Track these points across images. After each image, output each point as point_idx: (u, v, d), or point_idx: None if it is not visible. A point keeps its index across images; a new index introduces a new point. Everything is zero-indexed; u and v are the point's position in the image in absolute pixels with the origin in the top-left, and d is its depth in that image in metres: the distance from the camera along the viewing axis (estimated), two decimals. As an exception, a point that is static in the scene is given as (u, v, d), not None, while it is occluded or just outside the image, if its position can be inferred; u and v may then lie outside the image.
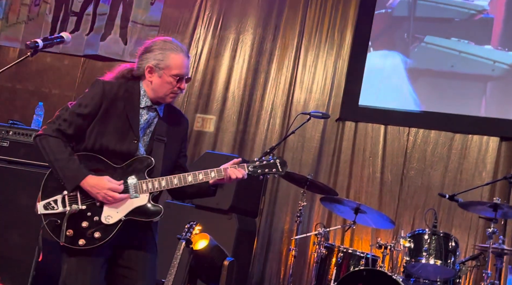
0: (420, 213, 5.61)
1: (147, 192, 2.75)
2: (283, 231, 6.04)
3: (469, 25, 5.83)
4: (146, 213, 2.75)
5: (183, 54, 2.82)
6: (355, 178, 5.93)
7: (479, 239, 5.36)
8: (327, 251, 4.67)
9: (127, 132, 2.77)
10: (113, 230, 2.69)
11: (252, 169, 2.82)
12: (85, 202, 2.71)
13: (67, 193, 2.71)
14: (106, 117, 2.76)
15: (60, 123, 2.73)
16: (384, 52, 6.13)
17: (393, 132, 5.92)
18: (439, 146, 5.75)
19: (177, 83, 2.81)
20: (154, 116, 2.86)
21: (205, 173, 2.79)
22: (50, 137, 2.71)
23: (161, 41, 2.86)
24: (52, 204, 2.71)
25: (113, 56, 6.96)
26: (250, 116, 6.42)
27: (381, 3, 6.19)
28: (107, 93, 2.76)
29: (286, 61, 6.43)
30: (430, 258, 4.39)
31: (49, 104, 6.49)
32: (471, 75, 5.76)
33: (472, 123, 5.67)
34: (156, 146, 2.83)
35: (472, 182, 5.51)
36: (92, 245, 2.67)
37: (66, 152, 2.69)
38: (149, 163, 2.78)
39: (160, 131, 2.86)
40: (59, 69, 7.16)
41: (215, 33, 6.74)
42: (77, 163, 2.69)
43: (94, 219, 2.70)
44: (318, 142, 6.11)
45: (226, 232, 4.98)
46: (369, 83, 6.08)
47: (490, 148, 5.59)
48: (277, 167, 2.83)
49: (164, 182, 2.76)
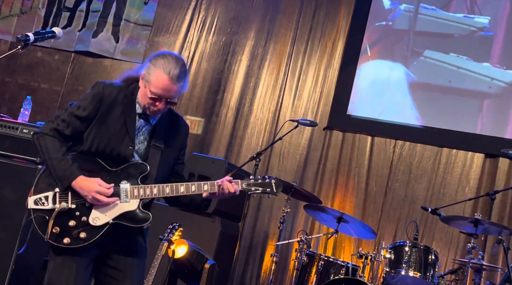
0: (402, 225, 5.64)
1: (137, 198, 2.74)
2: (266, 237, 6.05)
3: (468, 41, 5.88)
4: (134, 219, 2.75)
5: (168, 76, 2.71)
6: (340, 188, 5.96)
7: (459, 253, 5.40)
8: (308, 259, 4.69)
9: (123, 137, 2.77)
10: (99, 232, 2.69)
11: (246, 186, 2.82)
12: (75, 201, 2.71)
13: (58, 190, 2.72)
14: (103, 121, 2.76)
15: (58, 123, 2.75)
16: (383, 63, 6.16)
17: (380, 144, 5.96)
18: (424, 160, 5.80)
19: (153, 101, 2.74)
20: (144, 124, 2.85)
21: (198, 185, 2.78)
22: (47, 136, 2.73)
23: (161, 55, 2.80)
24: (43, 200, 2.72)
25: (104, 53, 6.96)
26: (238, 120, 6.44)
27: (382, 15, 6.24)
28: (106, 97, 2.77)
29: (277, 67, 6.45)
30: (410, 270, 4.41)
31: (38, 98, 6.48)
32: (468, 91, 5.81)
33: (458, 139, 5.73)
34: (152, 153, 2.82)
35: (455, 197, 5.56)
36: (76, 245, 2.67)
37: (60, 151, 2.71)
38: (143, 169, 2.77)
39: (157, 138, 2.85)
40: (49, 64, 7.13)
41: (208, 36, 6.75)
42: (70, 163, 2.70)
43: (82, 219, 2.70)
44: (305, 150, 6.13)
45: (209, 235, 4.98)
46: (363, 93, 6.12)
47: (475, 164, 5.65)
48: (272, 188, 2.82)
49: (156, 190, 2.75)
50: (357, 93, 6.13)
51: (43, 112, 6.69)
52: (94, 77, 6.94)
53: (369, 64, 6.18)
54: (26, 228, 4.30)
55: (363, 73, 6.16)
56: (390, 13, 6.23)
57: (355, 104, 6.11)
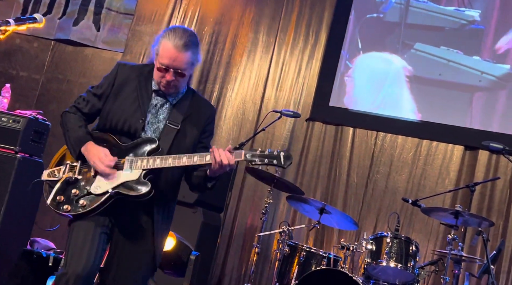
0: (383, 216, 5.69)
1: (139, 168, 2.73)
2: (248, 228, 6.05)
3: (459, 34, 5.90)
4: (134, 189, 2.72)
5: (173, 45, 2.70)
6: (322, 179, 5.97)
7: (438, 245, 5.46)
8: (290, 250, 4.70)
9: (135, 111, 2.81)
10: (99, 200, 2.70)
11: (250, 157, 2.66)
12: (83, 172, 2.79)
13: (69, 162, 2.81)
14: (117, 96, 2.84)
15: (79, 102, 2.91)
16: (375, 56, 6.15)
17: (361, 135, 5.98)
18: (405, 151, 5.84)
19: (163, 72, 2.75)
20: (163, 102, 2.86)
21: (200, 155, 2.73)
22: (69, 113, 2.89)
23: (170, 28, 2.82)
24: (56, 172, 2.82)
25: (85, 42, 6.85)
26: (220, 110, 6.40)
27: (374, 7, 6.21)
28: (120, 74, 2.87)
29: (259, 57, 6.43)
30: (391, 261, 4.45)
31: (16, 86, 6.36)
32: (458, 85, 5.83)
33: (438, 131, 5.77)
34: (167, 131, 2.82)
35: (435, 188, 5.61)
36: (76, 212, 2.71)
37: (77, 123, 2.84)
38: (154, 144, 2.77)
39: (174, 118, 2.84)
40: (28, 51, 7.01)
41: (190, 25, 6.69)
42: (84, 131, 2.82)
43: (85, 188, 2.75)
44: (287, 141, 6.13)
45: (190, 226, 4.97)
46: (357, 86, 6.11)
47: (455, 156, 5.70)
48: (280, 160, 2.66)
49: (159, 161, 2.72)
50: (353, 85, 6.11)
51: (21, 100, 6.58)
52: (75, 66, 6.85)
53: (361, 57, 6.17)
54: (4, 217, 4.25)
55: (357, 66, 6.14)
56: (381, 5, 6.22)
57: (351, 97, 6.09)
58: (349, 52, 6.19)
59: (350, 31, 6.21)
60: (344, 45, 6.19)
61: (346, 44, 6.20)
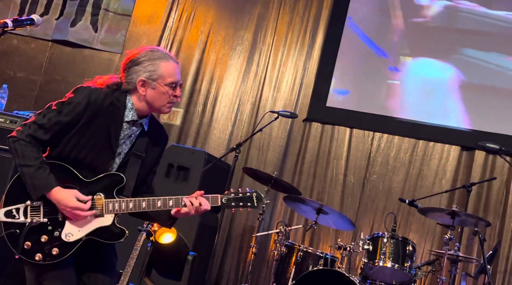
0: (379, 216, 5.70)
1: (112, 213, 2.64)
2: (245, 228, 6.06)
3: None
4: (108, 235, 2.65)
5: (172, 61, 2.72)
6: (319, 179, 5.99)
7: (435, 245, 5.48)
8: (287, 250, 4.70)
9: (105, 148, 2.66)
10: (72, 249, 2.60)
11: (226, 201, 2.71)
12: (47, 215, 2.60)
13: (30, 203, 2.61)
14: (86, 129, 2.62)
15: (35, 129, 2.59)
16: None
17: (358, 136, 6.00)
18: (401, 152, 5.86)
19: (173, 91, 2.70)
20: (138, 130, 2.75)
21: (176, 200, 2.66)
22: (23, 142, 2.57)
23: (147, 51, 2.72)
24: (14, 212, 2.60)
25: (83, 43, 6.85)
26: (217, 111, 6.42)
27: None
28: (91, 104, 2.61)
29: (256, 58, 6.44)
30: (388, 261, 4.46)
31: (13, 87, 6.36)
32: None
33: (435, 132, 5.79)
34: (132, 162, 2.72)
35: (432, 189, 5.63)
36: (48, 261, 2.58)
37: (38, 159, 2.56)
38: (119, 180, 2.67)
39: (139, 146, 2.75)
40: (25, 52, 7.01)
41: (186, 26, 6.70)
42: (48, 172, 2.57)
43: (54, 234, 2.60)
44: (284, 141, 6.14)
45: (187, 226, 4.96)
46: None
47: (451, 157, 5.72)
48: (253, 202, 2.73)
49: (132, 205, 2.64)
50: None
51: (19, 101, 6.59)
52: (73, 67, 6.85)
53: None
54: None
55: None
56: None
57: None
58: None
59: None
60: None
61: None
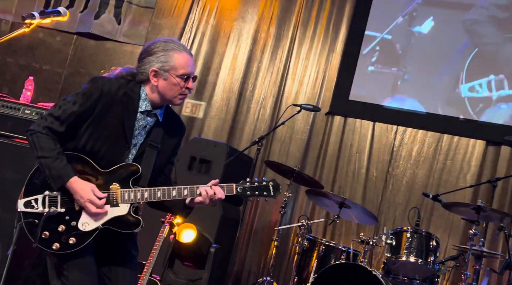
0: (402, 211, 5.66)
1: (128, 202, 2.65)
2: (267, 221, 6.06)
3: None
4: (124, 224, 2.66)
5: (186, 52, 2.72)
6: (340, 173, 5.96)
7: (459, 240, 5.42)
8: (309, 244, 4.70)
9: (120, 138, 2.67)
10: (89, 238, 2.62)
11: (241, 190, 2.68)
12: (65, 205, 2.63)
13: (48, 193, 2.63)
14: (100, 120, 2.64)
15: (52, 121, 2.62)
16: None
17: (381, 130, 5.95)
18: (425, 146, 5.80)
19: (185, 83, 2.70)
20: (152, 121, 2.76)
21: (190, 189, 2.66)
22: (40, 134, 2.60)
23: (161, 42, 2.73)
24: (33, 203, 2.63)
25: (106, 35, 6.90)
26: (240, 104, 6.42)
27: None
28: (104, 94, 2.63)
29: (279, 52, 6.42)
30: (411, 256, 4.43)
31: (39, 79, 6.43)
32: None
33: (460, 126, 5.71)
34: (148, 153, 2.72)
35: (456, 183, 5.57)
36: (66, 250, 2.60)
37: (55, 150, 2.59)
38: (135, 171, 2.67)
39: (155, 137, 2.75)
40: (51, 45, 7.08)
41: (209, 19, 6.70)
42: (65, 162, 2.59)
43: (72, 223, 2.62)
44: (307, 135, 6.12)
45: (210, 219, 4.98)
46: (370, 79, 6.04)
47: (476, 151, 5.65)
48: (269, 191, 2.70)
49: (147, 194, 2.65)
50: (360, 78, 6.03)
51: (44, 93, 6.65)
52: (97, 59, 6.90)
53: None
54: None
55: None
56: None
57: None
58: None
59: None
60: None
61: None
